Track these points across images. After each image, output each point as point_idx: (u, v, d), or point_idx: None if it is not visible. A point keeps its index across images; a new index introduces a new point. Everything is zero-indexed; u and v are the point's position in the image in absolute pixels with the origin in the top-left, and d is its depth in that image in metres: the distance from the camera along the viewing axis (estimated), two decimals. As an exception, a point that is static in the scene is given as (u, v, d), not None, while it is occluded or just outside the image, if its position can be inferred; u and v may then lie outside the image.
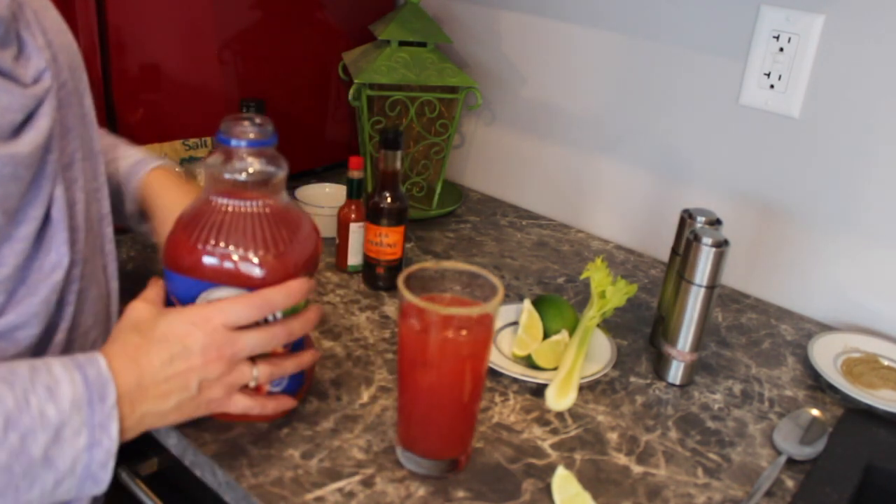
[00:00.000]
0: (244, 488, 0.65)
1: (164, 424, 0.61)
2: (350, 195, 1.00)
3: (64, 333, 0.63)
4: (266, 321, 0.64)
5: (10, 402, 0.51)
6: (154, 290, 0.66)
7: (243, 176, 0.63)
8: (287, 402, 0.70)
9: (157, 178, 0.82)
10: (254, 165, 0.64)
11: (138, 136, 0.99)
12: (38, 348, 0.61)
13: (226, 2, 1.10)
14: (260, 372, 0.64)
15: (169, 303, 0.66)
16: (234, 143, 0.63)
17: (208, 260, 0.63)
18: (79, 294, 0.64)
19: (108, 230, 0.71)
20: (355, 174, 0.99)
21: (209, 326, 0.61)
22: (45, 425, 0.52)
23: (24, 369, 0.53)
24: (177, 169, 0.86)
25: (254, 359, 0.65)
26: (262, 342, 0.63)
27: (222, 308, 0.62)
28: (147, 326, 0.61)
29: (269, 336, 0.64)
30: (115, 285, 0.72)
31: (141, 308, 0.63)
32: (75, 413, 0.53)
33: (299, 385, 0.73)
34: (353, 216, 1.00)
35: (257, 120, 0.64)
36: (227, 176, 0.63)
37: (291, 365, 0.68)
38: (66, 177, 0.62)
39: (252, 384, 0.65)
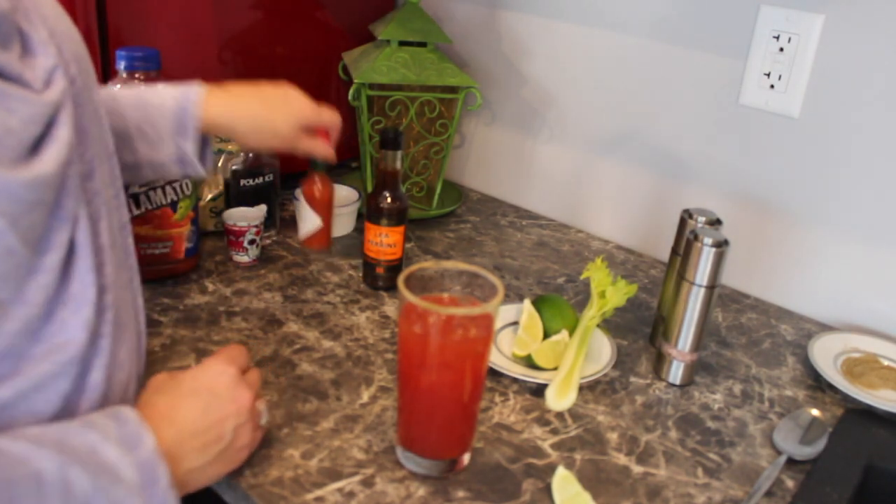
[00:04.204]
0: (244, 488, 0.65)
1: (206, 482, 0.60)
2: (314, 167, 0.96)
3: (101, 371, 0.56)
4: None
5: (87, 486, 0.49)
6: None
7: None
8: None
9: (216, 96, 0.80)
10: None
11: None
12: (73, 396, 0.54)
13: (226, 2, 1.10)
14: (262, 407, 0.67)
15: None
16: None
17: None
18: (113, 323, 0.57)
19: (129, 241, 0.65)
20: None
21: (230, 373, 0.63)
22: None
23: (84, 452, 0.50)
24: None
25: None
26: (259, 380, 0.68)
27: (230, 357, 0.65)
28: (170, 386, 0.61)
29: (259, 374, 0.69)
30: (141, 302, 0.67)
31: (157, 376, 0.63)
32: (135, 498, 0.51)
33: None
34: (317, 191, 0.96)
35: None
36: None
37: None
38: (87, 189, 0.55)
39: (263, 422, 0.67)
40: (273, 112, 0.83)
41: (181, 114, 0.77)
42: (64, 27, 0.56)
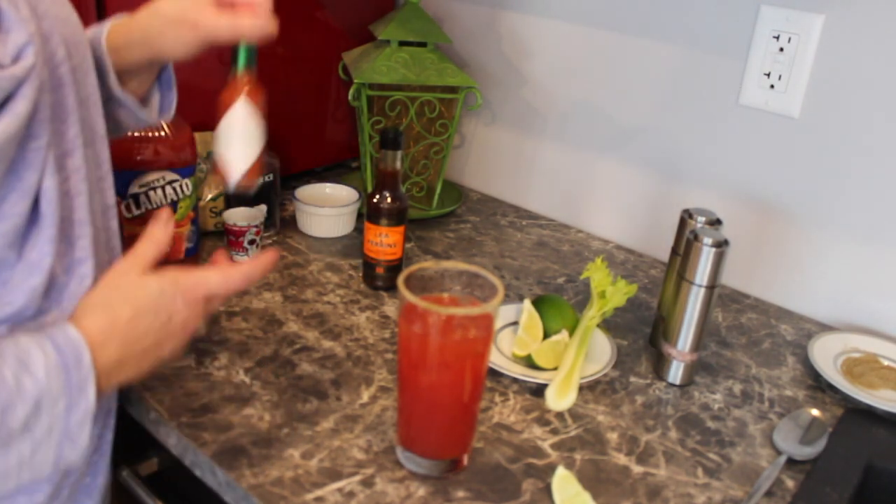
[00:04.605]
0: (244, 488, 0.65)
1: (127, 382, 0.60)
2: (237, 64, 0.70)
3: None
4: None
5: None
6: (149, 248, 0.62)
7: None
8: None
9: (119, 20, 0.72)
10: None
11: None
12: None
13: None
14: (204, 322, 0.66)
15: None
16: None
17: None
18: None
19: (113, 223, 0.67)
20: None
21: (193, 300, 0.61)
22: (24, 397, 0.50)
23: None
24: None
25: None
26: (219, 306, 0.66)
27: (207, 281, 0.62)
28: (135, 294, 0.59)
29: (225, 299, 0.66)
30: None
31: (128, 270, 0.61)
32: (53, 380, 0.52)
33: None
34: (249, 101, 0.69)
35: None
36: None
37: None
38: (65, 165, 0.57)
39: (200, 333, 0.66)
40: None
41: (97, 52, 0.70)
42: (61, 13, 0.58)
